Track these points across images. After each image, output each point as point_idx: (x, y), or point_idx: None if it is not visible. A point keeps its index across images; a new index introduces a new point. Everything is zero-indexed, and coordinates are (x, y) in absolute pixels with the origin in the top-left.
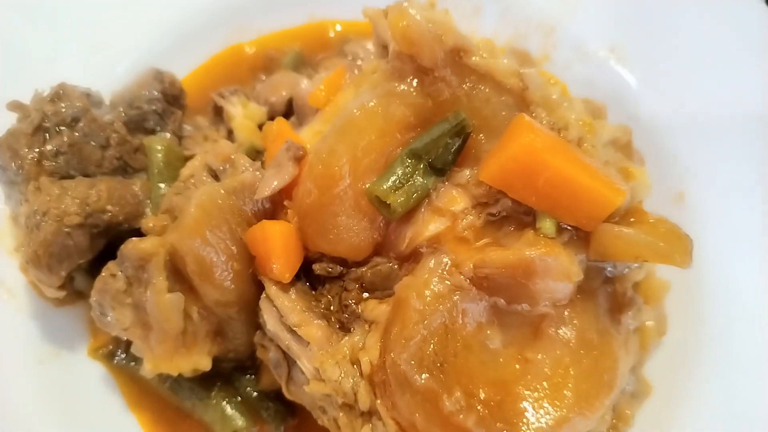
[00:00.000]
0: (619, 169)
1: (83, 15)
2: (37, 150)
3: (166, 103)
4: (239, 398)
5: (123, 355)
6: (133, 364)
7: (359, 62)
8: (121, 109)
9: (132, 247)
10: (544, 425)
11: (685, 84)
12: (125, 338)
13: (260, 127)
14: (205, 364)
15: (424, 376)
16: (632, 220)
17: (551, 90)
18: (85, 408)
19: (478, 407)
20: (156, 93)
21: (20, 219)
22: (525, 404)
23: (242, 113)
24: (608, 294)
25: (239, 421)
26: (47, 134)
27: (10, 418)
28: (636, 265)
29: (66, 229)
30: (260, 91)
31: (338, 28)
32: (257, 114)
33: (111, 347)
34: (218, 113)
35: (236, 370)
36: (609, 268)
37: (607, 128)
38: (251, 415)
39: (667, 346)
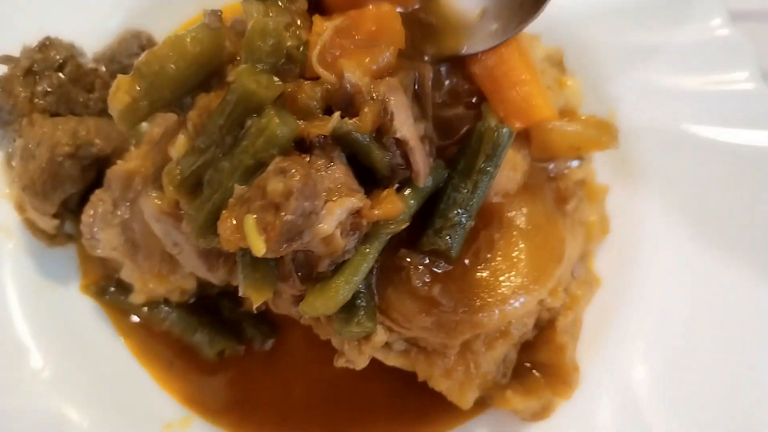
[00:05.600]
0: (554, 79)
1: None
2: (29, 90)
3: None
4: (225, 321)
5: (113, 290)
6: (123, 298)
7: None
8: (103, 65)
9: (117, 168)
10: (503, 291)
11: (612, 14)
12: (114, 260)
13: None
14: (190, 282)
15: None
16: (566, 119)
17: None
18: (78, 334)
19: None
20: (135, 48)
21: (15, 153)
22: (484, 275)
23: None
24: (552, 189)
25: (226, 341)
26: (37, 77)
27: (9, 340)
28: (575, 163)
29: (58, 158)
30: None
31: None
32: None
33: (102, 283)
34: None
35: (221, 295)
36: (551, 167)
37: (541, 47)
38: (237, 335)
39: (612, 245)
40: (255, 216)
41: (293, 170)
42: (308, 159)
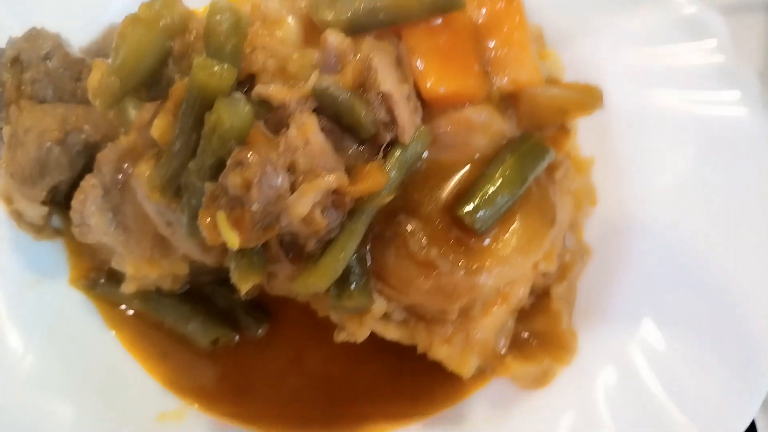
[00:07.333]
0: (535, 51)
1: None
2: (17, 78)
3: None
4: (218, 309)
5: (103, 281)
6: (113, 289)
7: None
8: (90, 59)
9: (107, 150)
10: (498, 253)
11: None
12: (104, 250)
13: None
14: (183, 267)
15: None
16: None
17: None
18: (67, 328)
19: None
20: None
21: (3, 140)
22: (480, 238)
23: None
24: None
25: (220, 329)
26: (24, 65)
27: None
28: None
29: (47, 144)
30: None
31: None
32: None
33: (92, 276)
34: None
35: (214, 283)
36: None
37: None
38: (231, 323)
39: (599, 218)
40: (225, 212)
41: (250, 160)
42: (282, 137)
